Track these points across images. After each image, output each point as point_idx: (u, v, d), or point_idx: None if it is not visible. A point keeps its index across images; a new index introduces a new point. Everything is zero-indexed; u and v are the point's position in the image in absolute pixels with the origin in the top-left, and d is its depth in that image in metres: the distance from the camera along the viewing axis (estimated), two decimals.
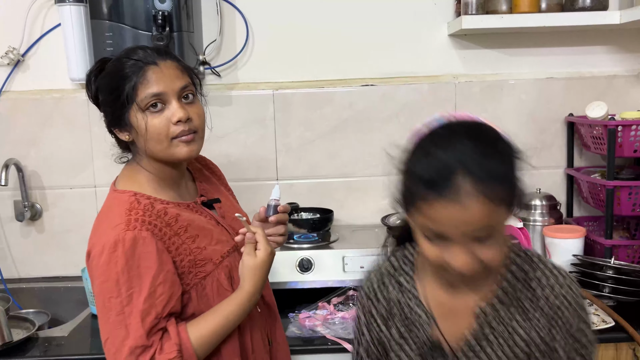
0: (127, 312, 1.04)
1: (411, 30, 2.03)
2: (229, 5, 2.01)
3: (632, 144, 1.77)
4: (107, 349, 1.07)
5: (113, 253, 1.05)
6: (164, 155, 1.16)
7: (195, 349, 1.08)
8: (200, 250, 1.15)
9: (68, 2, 1.91)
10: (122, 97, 1.12)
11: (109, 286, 1.05)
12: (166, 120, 1.12)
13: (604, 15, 1.86)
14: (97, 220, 1.17)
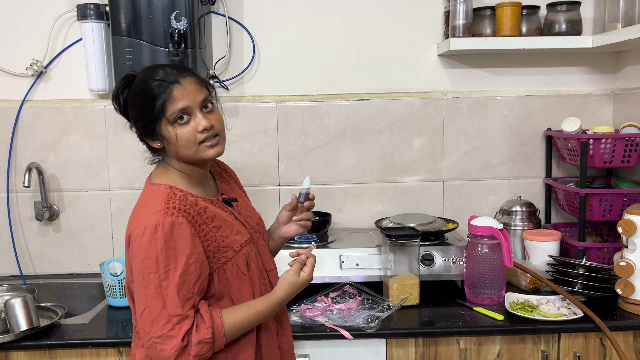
0: (164, 286, 1.18)
1: (404, 50, 2.22)
2: (237, 25, 2.19)
3: (602, 156, 1.96)
4: (145, 318, 1.20)
5: (154, 234, 1.19)
6: (193, 157, 1.31)
7: (225, 334, 1.23)
8: (223, 238, 1.31)
9: (90, 19, 2.08)
10: (153, 114, 1.27)
11: (149, 263, 1.19)
12: (193, 129, 1.29)
13: (578, 40, 2.06)
14: (136, 208, 1.32)
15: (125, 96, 1.34)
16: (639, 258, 1.70)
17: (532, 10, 2.10)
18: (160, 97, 1.27)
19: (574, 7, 2.08)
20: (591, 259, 1.99)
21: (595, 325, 1.64)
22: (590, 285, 1.77)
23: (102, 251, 2.23)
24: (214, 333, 1.22)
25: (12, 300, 1.62)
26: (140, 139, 1.36)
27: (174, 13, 1.96)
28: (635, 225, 1.68)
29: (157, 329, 1.19)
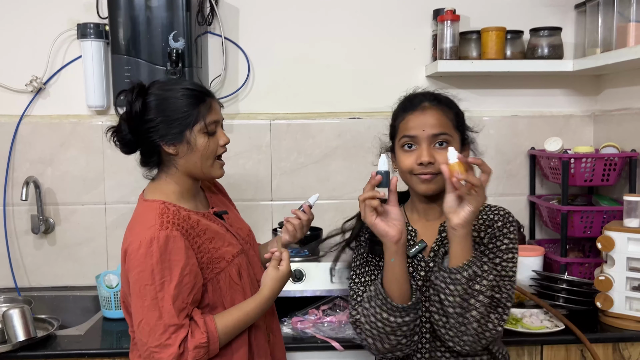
0: (159, 297, 1.24)
1: (394, 70, 2.30)
2: (233, 45, 2.26)
3: (582, 175, 2.04)
4: (142, 329, 1.25)
5: (149, 248, 1.25)
6: (205, 171, 1.38)
7: (219, 337, 1.29)
8: (215, 250, 1.37)
9: (90, 38, 2.14)
10: (189, 118, 1.33)
11: (145, 275, 1.24)
12: (216, 143, 1.40)
13: (560, 64, 2.16)
14: (131, 224, 1.38)
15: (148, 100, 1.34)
16: (618, 273, 1.77)
17: (516, 35, 2.19)
18: (200, 105, 1.35)
19: (555, 33, 2.18)
20: (573, 273, 2.06)
21: (577, 338, 1.70)
22: (572, 299, 1.84)
23: (96, 264, 2.26)
24: (209, 337, 1.27)
25: (10, 311, 1.65)
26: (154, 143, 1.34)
27: (172, 33, 2.03)
28: (613, 241, 1.76)
29: (154, 339, 1.23)
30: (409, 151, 1.34)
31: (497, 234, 1.35)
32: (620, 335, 1.74)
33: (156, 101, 1.35)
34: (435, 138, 1.31)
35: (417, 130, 1.32)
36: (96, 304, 2.08)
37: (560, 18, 2.26)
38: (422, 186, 1.33)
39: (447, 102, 1.38)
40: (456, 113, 1.38)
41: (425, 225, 1.41)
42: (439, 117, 1.32)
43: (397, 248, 1.25)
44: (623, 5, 1.91)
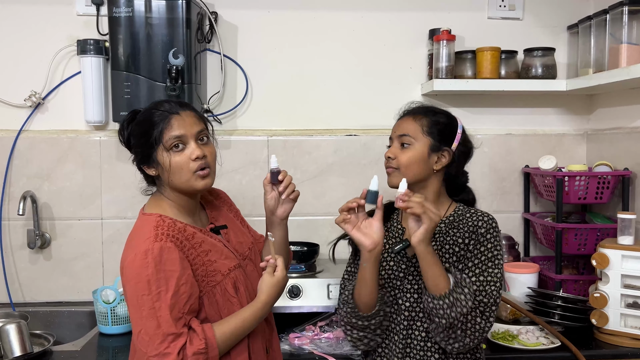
0: (157, 307, 1.25)
1: (390, 89, 2.33)
2: (231, 62, 2.29)
3: (576, 192, 2.07)
4: (141, 339, 1.26)
5: (144, 259, 1.26)
6: (184, 186, 1.38)
7: (218, 344, 1.30)
8: (211, 263, 1.38)
9: (89, 54, 2.16)
10: (151, 140, 1.35)
11: (141, 286, 1.26)
12: (186, 157, 1.36)
13: (553, 83, 2.20)
14: (129, 238, 1.38)
15: (130, 129, 1.42)
16: (612, 290, 1.79)
17: (510, 55, 2.23)
18: (159, 125, 1.36)
19: (549, 53, 2.22)
20: (568, 290, 2.07)
21: (572, 354, 1.72)
22: (567, 316, 1.86)
23: (92, 280, 2.26)
24: (207, 344, 1.27)
25: (6, 327, 1.65)
26: (137, 166, 1.44)
27: (172, 50, 2.05)
28: (608, 258, 1.78)
29: (153, 348, 1.25)
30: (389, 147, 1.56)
31: (481, 240, 1.45)
32: (616, 352, 1.75)
33: (135, 127, 1.41)
34: (400, 139, 1.51)
35: (393, 132, 1.55)
36: (91, 319, 2.07)
37: (553, 39, 2.31)
38: (388, 178, 1.53)
39: (424, 111, 1.54)
40: (432, 120, 1.51)
41: None
42: (409, 122, 1.52)
43: (369, 256, 1.40)
44: (615, 26, 1.96)
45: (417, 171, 1.48)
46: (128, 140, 1.44)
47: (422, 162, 1.48)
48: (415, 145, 1.48)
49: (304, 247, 2.19)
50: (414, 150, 1.48)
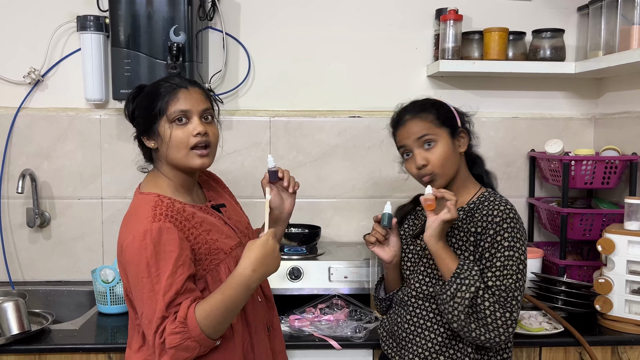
0: (156, 289, 1.23)
1: (395, 70, 2.29)
2: (234, 41, 2.25)
3: (583, 177, 2.04)
4: (143, 322, 1.26)
5: (142, 241, 1.24)
6: (181, 162, 1.35)
7: (199, 322, 1.22)
8: (214, 241, 1.36)
9: (89, 31, 2.12)
10: (155, 110, 1.34)
11: (141, 268, 1.24)
12: (188, 132, 1.34)
13: (561, 66, 2.15)
14: (126, 218, 1.36)
15: (135, 102, 1.41)
16: (617, 276, 1.76)
17: (518, 36, 2.19)
18: (165, 96, 1.34)
19: (558, 35, 2.17)
20: (572, 276, 2.05)
21: (575, 340, 1.70)
22: (571, 302, 1.83)
23: (92, 259, 2.24)
24: (186, 323, 1.22)
25: (4, 305, 1.63)
26: (137, 138, 1.42)
27: (173, 27, 2.01)
28: (614, 244, 1.75)
29: (152, 330, 1.24)
30: (408, 159, 1.52)
31: (497, 229, 1.41)
32: (619, 338, 1.74)
33: (140, 98, 1.39)
34: (421, 140, 1.47)
35: (406, 140, 1.50)
36: (91, 299, 2.06)
37: (562, 20, 2.26)
38: (430, 185, 1.48)
39: (422, 107, 1.52)
40: (435, 112, 1.50)
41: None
42: (417, 123, 1.49)
43: (388, 266, 1.58)
44: (627, 8, 1.91)
45: (452, 164, 1.48)
46: (132, 113, 1.42)
47: (452, 152, 1.48)
48: (439, 140, 1.47)
49: (305, 230, 2.18)
50: (441, 145, 1.47)
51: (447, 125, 1.49)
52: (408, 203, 1.65)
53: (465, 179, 1.53)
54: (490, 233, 1.41)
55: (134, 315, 1.36)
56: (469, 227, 1.46)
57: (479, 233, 1.43)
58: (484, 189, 1.53)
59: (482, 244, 1.42)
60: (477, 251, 1.43)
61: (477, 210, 1.46)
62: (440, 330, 1.46)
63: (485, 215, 1.44)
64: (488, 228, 1.42)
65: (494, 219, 1.42)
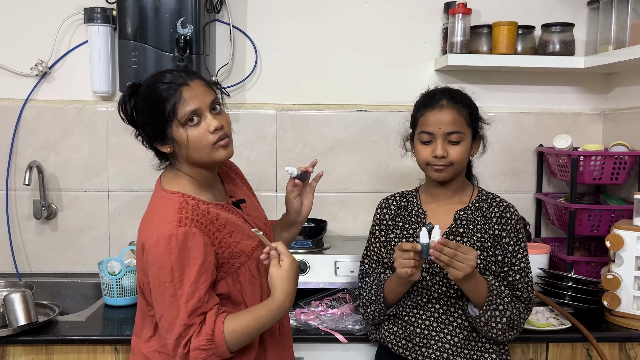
0: (178, 295, 1.21)
1: (402, 64, 2.28)
2: (241, 34, 2.24)
3: (592, 172, 2.02)
4: (162, 324, 1.25)
5: (168, 244, 1.21)
6: (205, 160, 1.31)
7: (226, 340, 1.23)
8: (236, 244, 1.32)
9: (96, 23, 2.12)
10: (164, 116, 1.26)
11: (164, 272, 1.21)
12: (204, 130, 1.28)
13: (571, 60, 2.13)
14: (148, 215, 1.32)
15: (133, 103, 1.33)
16: (626, 272, 1.75)
17: (527, 30, 2.17)
18: (170, 99, 1.26)
19: (567, 29, 2.15)
20: (579, 272, 2.04)
21: (583, 336, 1.69)
22: (578, 297, 1.82)
23: (98, 252, 2.25)
24: (214, 339, 1.22)
25: (11, 295, 1.63)
26: (149, 144, 1.35)
27: (181, 19, 2.01)
28: (622, 240, 1.74)
29: (172, 336, 1.22)
30: (425, 144, 1.50)
31: (517, 234, 1.51)
32: (627, 334, 1.72)
33: (140, 103, 1.32)
34: (449, 135, 1.47)
35: (434, 128, 1.48)
36: (97, 291, 2.07)
37: (572, 14, 2.24)
38: (436, 174, 1.50)
39: (462, 100, 1.51)
40: (470, 111, 1.51)
41: (437, 208, 1.56)
42: (454, 115, 1.47)
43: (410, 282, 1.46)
44: (638, 2, 1.89)
45: (464, 165, 1.51)
46: (132, 117, 1.35)
47: (468, 154, 1.51)
48: (464, 140, 1.48)
49: (311, 224, 2.17)
50: (464, 145, 1.48)
51: (472, 127, 1.51)
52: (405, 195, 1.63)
53: (465, 178, 1.58)
54: (512, 237, 1.49)
55: (147, 307, 1.34)
56: (483, 227, 1.50)
57: (497, 235, 1.49)
58: (477, 188, 1.59)
59: (505, 247, 1.49)
60: (497, 252, 1.49)
61: (485, 210, 1.52)
62: (463, 326, 1.48)
63: (500, 217, 1.51)
64: (509, 231, 1.49)
65: (509, 221, 1.50)
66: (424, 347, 1.49)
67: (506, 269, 1.49)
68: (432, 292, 1.49)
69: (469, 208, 1.53)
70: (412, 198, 1.61)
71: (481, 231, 1.50)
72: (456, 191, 1.55)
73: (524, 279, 1.48)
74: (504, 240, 1.48)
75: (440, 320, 1.48)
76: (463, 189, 1.56)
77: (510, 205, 1.54)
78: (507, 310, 1.42)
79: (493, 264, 1.49)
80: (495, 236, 1.49)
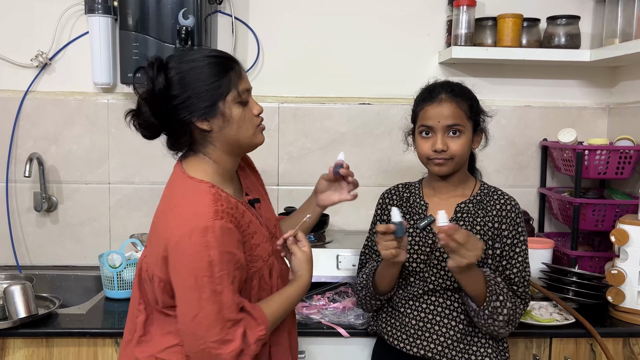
0: (218, 290, 1.14)
1: (406, 56, 2.26)
2: (243, 25, 2.22)
3: (596, 167, 2.00)
4: (198, 322, 1.15)
5: (204, 237, 1.14)
6: (247, 142, 1.29)
7: (270, 326, 1.24)
8: (255, 247, 1.27)
9: (97, 13, 2.09)
10: (221, 89, 1.22)
11: (201, 267, 1.14)
12: (250, 111, 1.30)
13: (576, 53, 2.11)
14: (171, 204, 1.23)
15: (170, 75, 1.22)
16: (631, 267, 1.74)
17: (532, 23, 2.15)
18: (230, 72, 1.24)
19: (573, 21, 2.13)
20: (583, 267, 2.02)
21: (586, 331, 1.67)
22: (582, 293, 1.81)
23: (99, 244, 2.23)
24: (268, 328, 1.22)
25: (11, 287, 1.62)
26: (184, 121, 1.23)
27: (182, 10, 1.99)
28: (627, 234, 1.72)
29: (213, 334, 1.15)
30: (426, 138, 1.49)
31: (516, 227, 1.49)
32: (631, 330, 1.71)
33: (180, 74, 1.22)
34: (449, 128, 1.46)
35: (433, 121, 1.47)
36: (98, 284, 2.06)
37: (578, 7, 2.21)
38: (436, 168, 1.50)
39: (462, 93, 1.50)
40: (470, 104, 1.50)
41: (439, 200, 1.55)
42: (453, 109, 1.46)
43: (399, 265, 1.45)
44: None
45: (465, 158, 1.50)
46: (166, 89, 1.21)
47: (469, 147, 1.50)
48: (465, 133, 1.47)
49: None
50: (464, 138, 1.47)
51: (473, 120, 1.50)
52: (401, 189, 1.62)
53: (467, 172, 1.57)
54: (511, 230, 1.47)
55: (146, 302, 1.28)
56: (483, 220, 1.49)
57: (496, 228, 1.48)
58: (479, 182, 1.58)
59: (504, 240, 1.47)
60: (496, 245, 1.47)
61: (486, 203, 1.51)
62: (459, 319, 1.46)
63: (500, 210, 1.49)
64: (508, 224, 1.47)
65: (509, 214, 1.49)
66: (419, 339, 1.47)
67: (504, 262, 1.47)
68: (428, 283, 1.48)
69: (470, 201, 1.52)
70: (414, 190, 1.60)
71: (481, 224, 1.48)
72: (458, 184, 1.54)
73: (521, 274, 1.46)
74: (503, 233, 1.47)
75: (436, 312, 1.47)
76: (465, 182, 1.55)
77: (511, 199, 1.53)
78: (506, 301, 1.39)
79: (490, 258, 1.47)
80: (495, 229, 1.48)
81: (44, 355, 1.65)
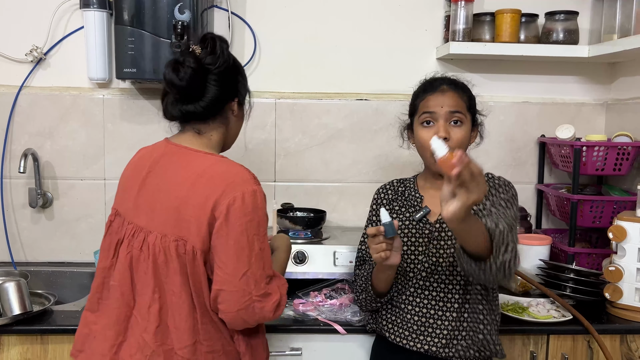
0: (263, 248, 1.27)
1: (404, 52, 2.24)
2: (239, 20, 2.20)
3: (594, 163, 2.00)
4: (246, 279, 1.23)
5: (254, 199, 1.25)
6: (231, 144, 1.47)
7: None
8: None
9: (92, 8, 2.08)
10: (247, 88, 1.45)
11: (253, 225, 1.25)
12: None
13: (575, 49, 2.10)
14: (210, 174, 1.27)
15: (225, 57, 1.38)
16: (628, 263, 1.73)
17: (530, 18, 2.13)
18: None
19: (571, 17, 2.12)
20: (580, 264, 2.02)
21: (584, 328, 1.67)
22: (580, 289, 1.80)
23: (94, 240, 2.21)
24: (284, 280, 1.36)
25: (5, 285, 1.61)
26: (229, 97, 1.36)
27: (178, 5, 1.97)
28: (625, 231, 1.72)
29: (259, 288, 1.25)
30: (427, 127, 1.47)
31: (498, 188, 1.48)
32: (629, 327, 1.71)
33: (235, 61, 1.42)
34: (451, 115, 1.45)
35: (436, 107, 1.45)
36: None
37: (576, 2, 2.20)
38: None
39: (462, 86, 1.52)
40: (469, 97, 1.51)
41: (434, 193, 1.53)
42: (455, 98, 1.47)
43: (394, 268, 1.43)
44: None
45: (464, 149, 1.48)
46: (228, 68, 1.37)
47: (467, 140, 1.48)
48: (465, 123, 1.46)
49: (310, 214, 2.14)
50: (465, 129, 1.46)
51: (472, 114, 1.50)
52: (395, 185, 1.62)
53: None
54: (492, 192, 1.46)
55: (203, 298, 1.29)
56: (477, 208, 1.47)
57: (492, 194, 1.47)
58: None
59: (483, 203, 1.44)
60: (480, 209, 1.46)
61: None
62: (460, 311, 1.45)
63: (491, 188, 1.49)
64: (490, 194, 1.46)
65: (498, 188, 1.48)
66: (422, 335, 1.47)
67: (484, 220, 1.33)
68: (427, 275, 1.48)
69: None
70: (409, 184, 1.60)
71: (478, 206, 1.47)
72: None
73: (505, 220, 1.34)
74: (485, 204, 1.44)
75: (438, 307, 1.46)
76: None
77: (496, 178, 1.50)
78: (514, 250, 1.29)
79: None
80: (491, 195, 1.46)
81: (38, 352, 1.63)
